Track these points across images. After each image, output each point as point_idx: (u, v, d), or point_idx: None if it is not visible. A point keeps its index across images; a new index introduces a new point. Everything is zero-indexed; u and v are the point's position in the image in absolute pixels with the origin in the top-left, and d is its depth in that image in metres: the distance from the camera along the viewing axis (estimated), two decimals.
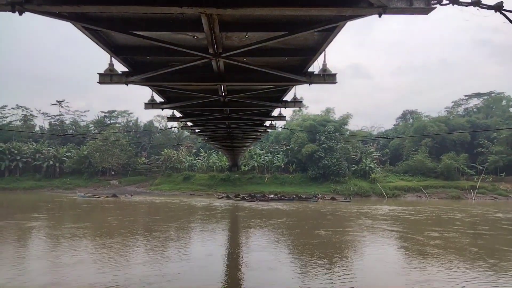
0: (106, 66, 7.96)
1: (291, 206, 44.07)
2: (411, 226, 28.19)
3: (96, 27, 5.68)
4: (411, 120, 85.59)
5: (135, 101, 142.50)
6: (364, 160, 68.72)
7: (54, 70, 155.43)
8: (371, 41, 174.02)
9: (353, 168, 67.51)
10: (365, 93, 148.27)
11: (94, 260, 16.04)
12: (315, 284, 13.00)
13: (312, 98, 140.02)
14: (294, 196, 54.98)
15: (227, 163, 61.12)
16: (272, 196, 55.15)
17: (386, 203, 49.88)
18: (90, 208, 40.25)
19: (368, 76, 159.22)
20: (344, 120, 73.33)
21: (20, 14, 4.57)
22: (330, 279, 13.78)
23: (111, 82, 8.25)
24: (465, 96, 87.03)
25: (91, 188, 71.65)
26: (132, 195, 58.60)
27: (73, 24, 5.47)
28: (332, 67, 7.93)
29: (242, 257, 17.00)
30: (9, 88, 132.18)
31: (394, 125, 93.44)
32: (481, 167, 64.72)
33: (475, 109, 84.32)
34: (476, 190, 59.10)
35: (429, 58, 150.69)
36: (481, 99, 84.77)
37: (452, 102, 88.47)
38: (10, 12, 4.51)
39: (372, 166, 67.45)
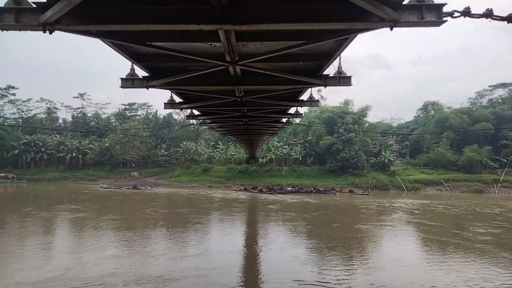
0: (125, 61, 8.28)
1: (309, 198, 44.22)
2: (451, 221, 27.29)
3: (120, 42, 6.01)
4: (432, 112, 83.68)
5: (154, 94, 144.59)
6: (383, 153, 67.97)
7: (75, 63, 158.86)
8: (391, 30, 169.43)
9: (372, 161, 66.89)
10: (383, 84, 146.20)
11: (156, 251, 16.41)
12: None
13: (330, 90, 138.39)
14: (312, 188, 55.07)
15: (244, 156, 61.69)
16: (289, 188, 55.39)
17: (406, 196, 49.37)
18: (121, 200, 41.29)
19: (387, 66, 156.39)
20: (363, 112, 72.44)
21: (50, 33, 4.89)
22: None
23: (132, 86, 8.63)
24: (490, 86, 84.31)
25: (113, 179, 73.68)
26: (152, 187, 59.94)
27: (99, 39, 5.80)
28: (350, 58, 8.07)
29: (269, 250, 17.14)
30: (33, 81, 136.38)
31: (414, 116, 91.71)
32: (505, 160, 62.97)
33: (500, 100, 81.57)
34: (499, 184, 57.68)
35: (450, 46, 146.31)
36: (506, 89, 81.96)
37: (476, 93, 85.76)
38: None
39: (392, 159, 66.66)
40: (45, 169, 79.46)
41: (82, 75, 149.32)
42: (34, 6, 4.44)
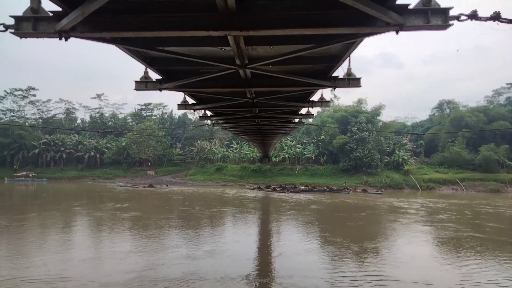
0: (138, 63, 8.46)
1: (323, 197, 44.07)
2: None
3: (133, 47, 6.22)
4: (447, 110, 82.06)
5: (169, 94, 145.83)
6: (397, 152, 67.13)
7: (92, 65, 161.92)
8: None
9: (386, 160, 66.13)
10: (395, 83, 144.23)
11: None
12: None
13: (342, 89, 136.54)
14: (325, 187, 54.83)
15: (258, 155, 61.85)
16: (303, 187, 55.32)
17: (421, 196, 48.67)
18: (151, 198, 42.01)
19: (399, 65, 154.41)
20: (377, 111, 71.61)
21: (66, 40, 5.11)
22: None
23: (146, 88, 8.86)
24: (507, 84, 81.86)
25: (129, 178, 74.93)
26: (167, 185, 60.76)
27: (114, 45, 6.02)
28: (361, 58, 8.14)
29: (282, 246, 17.34)
30: (52, 83, 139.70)
31: (429, 115, 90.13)
32: None
33: None
34: None
35: (463, 44, 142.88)
36: None
37: (493, 91, 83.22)
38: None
39: (406, 158, 65.77)
40: (64, 168, 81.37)
41: (99, 77, 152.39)
42: (51, 14, 4.66)
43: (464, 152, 63.17)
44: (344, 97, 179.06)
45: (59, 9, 4.61)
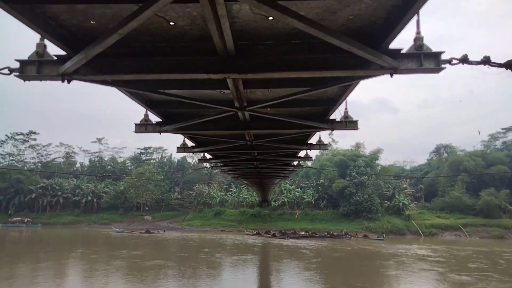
0: (138, 105, 8.55)
1: (325, 244, 42.85)
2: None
3: (134, 90, 6.36)
4: (445, 154, 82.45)
5: (169, 137, 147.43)
6: (397, 196, 66.41)
7: (92, 109, 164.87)
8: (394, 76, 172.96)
9: (386, 205, 65.24)
10: (392, 127, 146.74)
11: None
12: None
13: (340, 133, 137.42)
14: (326, 233, 53.65)
15: (257, 199, 61.16)
16: (303, 233, 54.15)
17: (423, 242, 47.45)
18: (157, 245, 41.35)
19: (394, 109, 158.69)
20: (375, 155, 71.92)
21: (69, 82, 5.21)
22: None
23: (146, 131, 8.94)
24: (502, 129, 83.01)
25: (126, 223, 73.35)
26: (164, 231, 59.45)
27: (115, 88, 6.15)
28: (357, 102, 8.26)
29: None
30: (53, 127, 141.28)
31: (427, 159, 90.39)
32: None
33: None
34: None
35: (455, 90, 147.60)
36: None
37: (489, 135, 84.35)
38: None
39: (406, 203, 64.87)
40: (60, 213, 79.85)
41: (100, 120, 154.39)
42: (55, 58, 4.80)
43: (465, 197, 62.49)
44: (342, 141, 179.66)
45: (63, 53, 4.76)
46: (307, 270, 25.86)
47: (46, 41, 4.60)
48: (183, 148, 12.47)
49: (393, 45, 4.68)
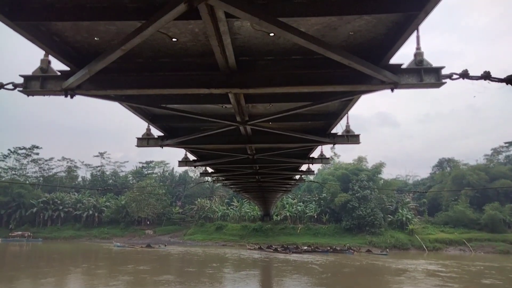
0: (140, 120, 8.56)
1: (331, 259, 42.22)
2: None
3: (137, 104, 6.41)
4: (448, 169, 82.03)
5: (170, 151, 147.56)
6: (400, 210, 65.76)
7: (94, 123, 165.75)
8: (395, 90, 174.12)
9: (389, 219, 64.55)
10: (393, 141, 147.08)
11: None
12: None
13: (342, 147, 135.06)
14: (329, 248, 53.03)
15: (259, 213, 60.70)
16: (305, 248, 53.51)
17: (428, 257, 46.78)
18: (162, 260, 40.90)
19: (396, 124, 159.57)
20: (377, 169, 71.58)
21: (72, 97, 5.25)
22: None
23: (147, 145, 8.98)
24: (505, 143, 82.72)
25: (127, 237, 72.79)
26: (166, 245, 58.92)
27: (118, 103, 6.20)
28: (359, 117, 8.27)
29: None
30: (56, 141, 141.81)
31: (430, 173, 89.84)
32: None
33: None
34: None
35: (456, 105, 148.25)
36: None
37: (492, 149, 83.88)
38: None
39: (409, 217, 64.14)
40: (61, 228, 79.38)
41: (100, 135, 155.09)
42: (59, 73, 4.86)
43: (469, 211, 61.83)
44: (344, 155, 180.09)
45: (67, 68, 4.82)
46: (322, 286, 25.55)
47: (50, 57, 4.66)
48: (185, 162, 12.49)
49: (394, 60, 4.72)
